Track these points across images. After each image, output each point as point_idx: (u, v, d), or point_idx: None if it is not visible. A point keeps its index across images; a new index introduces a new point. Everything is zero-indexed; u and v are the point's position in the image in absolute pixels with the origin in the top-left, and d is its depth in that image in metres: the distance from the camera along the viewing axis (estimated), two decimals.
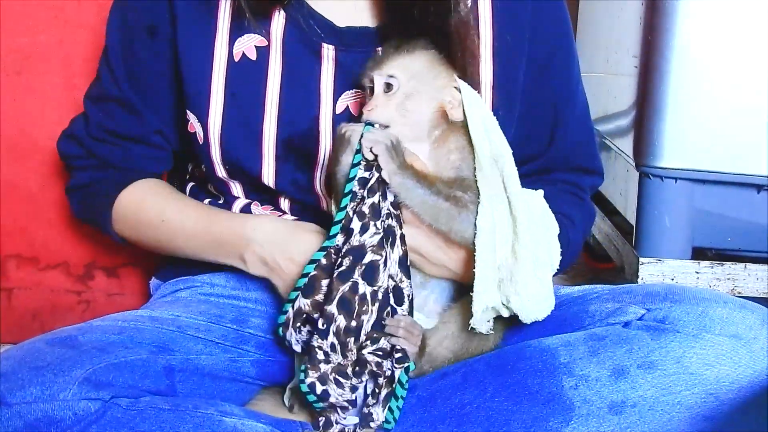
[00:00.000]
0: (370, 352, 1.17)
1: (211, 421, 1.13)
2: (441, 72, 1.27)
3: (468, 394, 1.20)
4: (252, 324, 1.38)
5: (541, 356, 1.20)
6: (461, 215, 1.21)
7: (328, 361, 1.18)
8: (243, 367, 1.33)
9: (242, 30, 1.35)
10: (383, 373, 1.18)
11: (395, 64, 1.24)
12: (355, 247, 1.17)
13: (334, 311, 1.16)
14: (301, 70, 1.36)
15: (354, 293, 1.16)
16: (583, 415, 1.13)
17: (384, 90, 1.24)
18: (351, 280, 1.16)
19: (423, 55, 1.26)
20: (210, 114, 1.36)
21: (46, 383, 1.09)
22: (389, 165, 1.18)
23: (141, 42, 1.40)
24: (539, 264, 1.24)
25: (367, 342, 1.17)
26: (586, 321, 1.25)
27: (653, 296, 1.22)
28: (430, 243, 1.25)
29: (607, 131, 2.09)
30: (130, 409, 1.11)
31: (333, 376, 1.18)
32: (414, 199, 1.20)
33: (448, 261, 1.26)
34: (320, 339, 1.17)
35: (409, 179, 1.18)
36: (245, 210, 1.42)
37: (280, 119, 1.35)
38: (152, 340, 1.24)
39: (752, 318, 1.16)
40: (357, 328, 1.16)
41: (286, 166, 1.37)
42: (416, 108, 1.24)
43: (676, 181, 1.78)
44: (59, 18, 1.67)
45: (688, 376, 1.13)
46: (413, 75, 1.24)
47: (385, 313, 1.18)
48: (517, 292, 1.22)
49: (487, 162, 1.23)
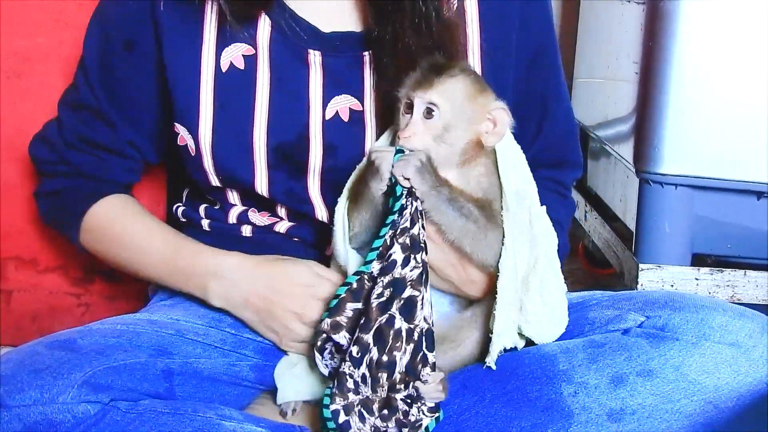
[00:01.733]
0: (402, 399, 1.14)
1: (210, 425, 1.13)
2: (479, 100, 1.21)
3: (467, 400, 1.20)
4: (250, 329, 1.38)
5: (540, 363, 1.20)
6: (487, 238, 1.20)
7: (357, 391, 1.14)
8: (242, 371, 1.32)
9: (228, 40, 1.34)
10: (410, 422, 1.15)
11: (439, 91, 1.18)
12: (398, 279, 1.14)
13: (370, 341, 1.13)
14: (289, 77, 1.36)
15: (390, 327, 1.13)
16: (581, 422, 1.13)
17: (423, 115, 1.19)
18: (389, 313, 1.13)
19: (464, 80, 1.20)
20: (200, 126, 1.35)
21: (45, 386, 1.09)
22: (423, 186, 1.15)
23: (118, 55, 1.39)
24: (545, 289, 1.24)
25: (401, 386, 1.14)
26: (586, 328, 1.25)
27: (653, 304, 1.22)
28: (443, 258, 1.23)
29: (607, 137, 2.09)
30: (129, 412, 1.11)
31: (358, 409, 1.14)
32: (445, 218, 1.18)
33: (457, 279, 1.25)
34: (353, 367, 1.14)
35: (443, 197, 1.16)
36: (242, 217, 1.43)
37: (270, 127, 1.35)
38: (151, 344, 1.24)
39: (752, 326, 1.16)
40: (390, 363, 1.13)
41: (278, 174, 1.37)
42: (454, 140, 1.19)
43: (676, 187, 1.79)
44: (59, 20, 1.67)
45: (687, 383, 1.13)
46: (455, 106, 1.19)
47: (418, 358, 1.14)
48: (528, 321, 1.23)
49: (513, 199, 1.22)
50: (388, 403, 1.15)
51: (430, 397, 1.15)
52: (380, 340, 1.13)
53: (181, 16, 1.35)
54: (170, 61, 1.35)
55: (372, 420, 1.15)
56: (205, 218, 1.47)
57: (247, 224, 1.43)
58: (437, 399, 1.16)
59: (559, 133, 1.48)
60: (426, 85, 1.18)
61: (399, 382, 1.13)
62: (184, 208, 1.51)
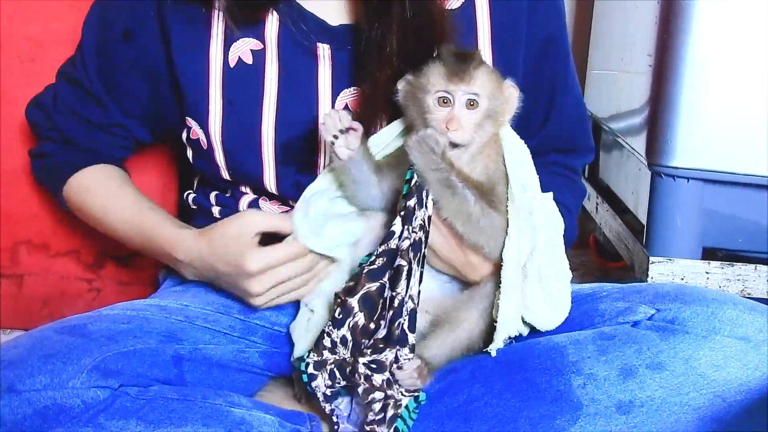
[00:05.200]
0: (364, 363, 1.16)
1: (219, 412, 1.14)
2: (501, 85, 1.24)
3: (476, 390, 1.20)
4: (259, 315, 1.37)
5: (550, 354, 1.20)
6: (481, 223, 1.21)
7: (333, 351, 1.18)
8: (251, 357, 1.33)
9: (236, 35, 1.35)
10: (372, 385, 1.16)
11: (480, 82, 1.21)
12: (392, 249, 1.17)
13: (354, 306, 1.16)
14: (298, 72, 1.36)
15: (380, 296, 1.16)
16: (590, 414, 1.13)
17: (467, 107, 1.21)
18: (380, 282, 1.16)
19: (489, 68, 1.24)
20: (210, 122, 1.36)
21: (55, 371, 1.09)
22: (419, 162, 1.17)
23: (116, 44, 1.41)
24: (544, 277, 1.25)
25: (368, 351, 1.16)
26: (596, 319, 1.25)
27: (663, 296, 1.22)
28: (445, 241, 1.24)
29: (620, 129, 2.08)
30: (138, 398, 1.11)
31: (331, 368, 1.18)
32: (441, 197, 1.19)
33: (457, 262, 1.26)
34: (332, 327, 1.17)
35: (439, 176, 1.18)
36: (253, 205, 1.43)
37: (279, 122, 1.35)
38: (161, 330, 1.24)
39: (762, 320, 1.16)
40: (374, 330, 1.16)
41: (287, 169, 1.37)
42: (489, 128, 1.23)
43: (688, 180, 1.79)
44: (73, 6, 1.67)
45: (696, 377, 1.13)
46: (492, 94, 1.22)
47: (396, 328, 1.15)
48: (527, 307, 1.23)
49: (519, 191, 1.23)
50: (353, 367, 1.17)
51: (406, 384, 1.17)
52: (369, 305, 1.16)
53: (188, 14, 1.36)
54: (179, 58, 1.36)
55: (344, 382, 1.19)
56: (215, 205, 1.47)
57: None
58: (413, 386, 1.18)
59: (568, 121, 1.48)
60: (466, 77, 1.20)
61: (368, 347, 1.16)
62: (194, 195, 1.51)
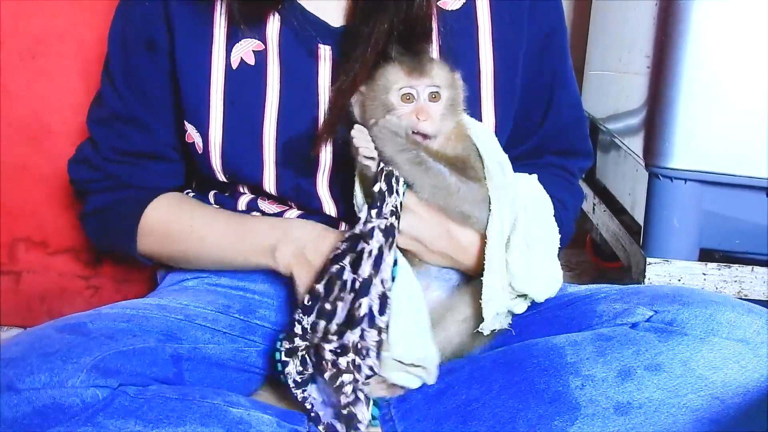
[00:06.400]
0: (330, 350, 1.16)
1: (217, 411, 1.14)
2: (454, 77, 1.27)
3: (474, 391, 1.21)
4: (259, 315, 1.38)
5: (548, 355, 1.20)
6: (460, 192, 1.23)
7: (304, 337, 1.18)
8: (249, 357, 1.33)
9: (238, 36, 1.35)
10: (339, 369, 1.16)
11: (439, 75, 1.24)
12: (356, 234, 1.18)
13: (321, 291, 1.17)
14: (299, 73, 1.36)
15: (338, 278, 1.17)
16: (588, 415, 1.14)
17: (429, 100, 1.23)
18: (340, 264, 1.17)
19: (440, 61, 1.28)
20: (210, 124, 1.36)
21: (54, 370, 1.09)
22: (386, 149, 1.19)
23: (142, 56, 1.39)
24: (530, 244, 1.25)
25: (334, 337, 1.16)
26: (594, 321, 1.25)
27: (661, 298, 1.22)
28: (430, 231, 1.25)
29: (618, 130, 2.08)
30: (137, 397, 1.12)
31: (302, 354, 1.19)
32: (415, 178, 1.21)
33: (450, 249, 1.26)
34: (302, 314, 1.18)
35: (408, 157, 1.20)
36: (251, 204, 1.43)
37: (280, 123, 1.35)
38: (160, 329, 1.24)
39: (760, 322, 1.16)
40: (331, 312, 1.16)
41: (287, 171, 1.37)
42: (452, 117, 1.26)
43: (686, 182, 1.78)
44: (74, 2, 1.67)
45: (694, 379, 1.13)
46: (450, 85, 1.25)
47: (360, 311, 1.15)
48: (514, 275, 1.24)
49: (496, 168, 1.25)
50: (318, 355, 1.18)
51: (375, 394, 1.20)
52: (329, 289, 1.17)
53: (191, 15, 1.35)
54: (181, 59, 1.36)
55: (308, 369, 1.20)
56: (214, 204, 1.47)
57: (256, 212, 1.43)
58: (382, 396, 1.21)
59: (565, 121, 1.49)
60: (426, 71, 1.23)
61: (333, 333, 1.16)
62: (193, 194, 1.51)
